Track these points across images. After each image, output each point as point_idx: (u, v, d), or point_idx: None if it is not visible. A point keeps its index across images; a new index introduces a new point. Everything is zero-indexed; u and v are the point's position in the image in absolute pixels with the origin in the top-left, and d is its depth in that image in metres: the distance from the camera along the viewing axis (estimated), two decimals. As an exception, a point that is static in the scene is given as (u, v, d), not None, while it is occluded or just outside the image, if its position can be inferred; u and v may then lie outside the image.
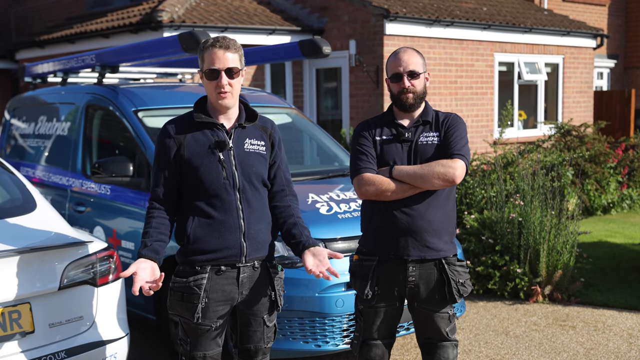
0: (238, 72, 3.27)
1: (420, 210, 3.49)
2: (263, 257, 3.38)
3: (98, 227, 5.71)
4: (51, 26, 15.14)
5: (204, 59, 3.27)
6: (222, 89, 3.23)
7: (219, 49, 3.23)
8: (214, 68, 3.22)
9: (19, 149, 7.18)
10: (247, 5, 12.87)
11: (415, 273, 3.53)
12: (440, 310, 3.59)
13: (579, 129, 11.78)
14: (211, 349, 3.36)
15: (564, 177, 9.45)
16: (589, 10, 17.91)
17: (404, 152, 3.54)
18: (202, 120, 3.30)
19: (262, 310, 3.41)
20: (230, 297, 3.33)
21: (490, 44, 13.24)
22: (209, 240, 3.27)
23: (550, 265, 6.58)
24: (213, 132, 3.31)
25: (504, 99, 13.41)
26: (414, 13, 11.79)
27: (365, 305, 3.62)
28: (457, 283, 3.55)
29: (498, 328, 5.92)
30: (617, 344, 5.51)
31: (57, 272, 3.69)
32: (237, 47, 3.29)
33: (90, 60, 6.30)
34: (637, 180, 11.56)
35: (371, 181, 3.49)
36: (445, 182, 3.44)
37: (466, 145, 3.54)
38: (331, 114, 12.90)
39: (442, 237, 3.55)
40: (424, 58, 3.63)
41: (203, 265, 3.28)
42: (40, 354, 3.58)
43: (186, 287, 3.29)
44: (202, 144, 3.28)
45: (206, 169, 3.26)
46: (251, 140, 3.38)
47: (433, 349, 3.64)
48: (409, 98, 3.53)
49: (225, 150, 3.29)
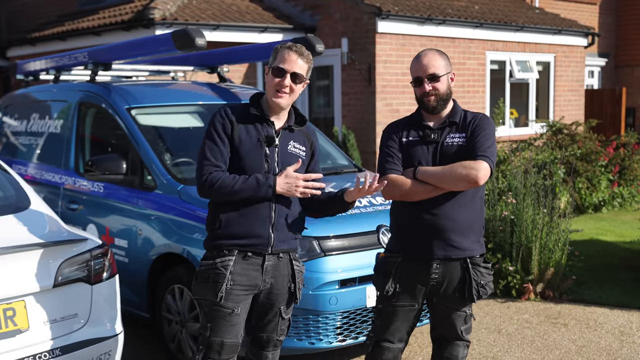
0: (302, 80, 3.47)
1: (445, 209, 3.51)
2: (288, 250, 3.54)
3: (91, 224, 5.70)
4: (42, 23, 15.07)
5: (276, 57, 3.45)
6: (282, 89, 3.42)
7: (294, 52, 3.43)
8: (282, 67, 3.42)
9: (11, 147, 7.15)
10: (239, 3, 12.86)
11: (439, 271, 3.54)
12: (459, 308, 3.62)
13: (570, 128, 11.84)
14: (229, 337, 3.46)
15: (555, 175, 9.49)
16: (580, 9, 17.98)
17: (429, 153, 3.56)
18: (256, 114, 3.47)
19: (280, 301, 3.55)
20: (254, 284, 3.46)
21: (482, 43, 13.28)
22: (239, 226, 3.43)
23: (542, 263, 6.62)
24: (263, 127, 3.48)
25: (495, 97, 13.44)
26: (406, 11, 11.81)
27: (384, 304, 3.64)
28: (477, 284, 3.56)
29: (490, 326, 5.95)
30: (609, 342, 5.54)
31: (51, 269, 3.69)
32: (310, 59, 3.50)
33: (83, 57, 6.28)
34: (627, 178, 11.62)
35: (396, 182, 3.53)
36: (468, 184, 3.45)
37: (492, 147, 3.53)
38: (323, 112, 12.90)
39: (469, 237, 3.56)
40: (448, 58, 3.63)
41: (231, 249, 3.43)
42: (35, 351, 3.58)
43: (212, 268, 3.43)
44: (252, 136, 3.45)
45: (251, 159, 3.44)
46: (295, 143, 3.56)
47: (445, 344, 3.69)
48: (431, 101, 3.56)
49: (272, 147, 3.47)
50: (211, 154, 3.42)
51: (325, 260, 4.67)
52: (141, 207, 5.28)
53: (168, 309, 5.10)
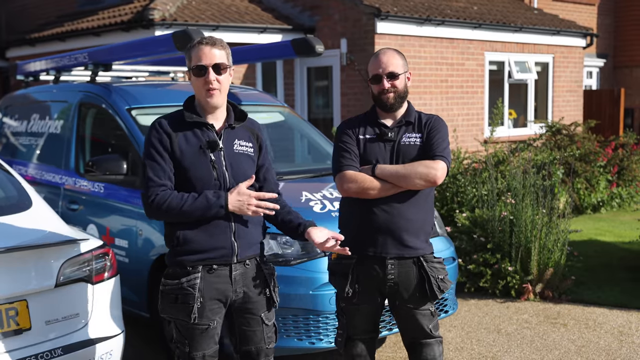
0: (226, 68, 3.27)
1: (400, 208, 3.54)
2: (254, 255, 3.39)
3: (91, 225, 5.71)
4: (42, 24, 15.08)
5: (191, 57, 3.28)
6: (211, 85, 3.23)
7: (205, 45, 3.24)
8: (201, 64, 3.23)
9: (11, 147, 7.16)
10: (238, 4, 12.88)
11: (395, 270, 3.57)
12: (421, 307, 3.63)
13: (569, 128, 11.85)
14: (209, 348, 3.35)
15: (554, 175, 9.50)
16: (578, 10, 18.01)
17: (386, 151, 3.59)
18: (193, 120, 3.28)
19: (259, 308, 3.42)
20: (225, 295, 3.32)
21: (481, 43, 13.30)
22: (199, 240, 3.25)
23: (542, 264, 6.63)
24: (203, 132, 3.29)
25: (494, 98, 13.47)
26: (405, 12, 11.83)
27: (347, 303, 3.66)
28: (436, 279, 3.59)
29: (490, 326, 5.96)
30: (608, 342, 5.56)
31: (53, 269, 3.70)
32: (224, 44, 3.31)
33: (83, 58, 6.29)
34: (626, 179, 11.64)
35: (353, 179, 3.53)
36: (426, 183, 3.50)
37: (448, 148, 3.61)
38: (322, 112, 12.92)
39: (420, 237, 3.60)
40: (405, 58, 3.68)
41: (195, 265, 3.26)
42: (37, 350, 3.59)
43: (179, 288, 3.27)
44: (193, 144, 3.26)
45: (197, 169, 3.25)
46: (240, 142, 3.38)
47: (419, 348, 3.69)
48: (389, 98, 3.59)
49: (216, 151, 3.28)
50: (154, 174, 3.21)
51: (325, 260, 4.67)
52: (142, 207, 5.28)
53: (168, 309, 5.10)
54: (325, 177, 5.83)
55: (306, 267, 4.66)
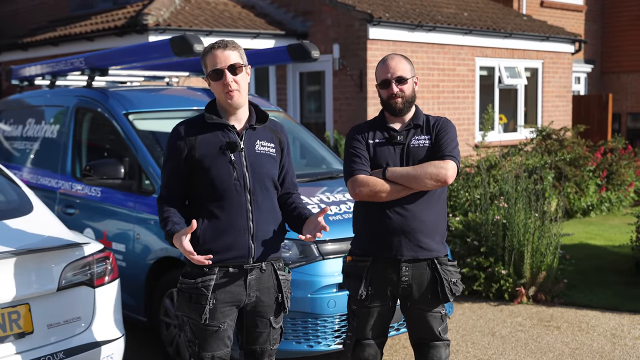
0: (241, 67, 3.32)
1: (413, 210, 3.58)
2: (271, 258, 3.42)
3: (88, 229, 5.72)
4: (34, 28, 15.05)
5: (206, 63, 3.34)
6: (229, 87, 3.29)
7: (217, 49, 3.31)
8: (216, 68, 3.29)
9: (5, 152, 7.17)
10: (231, 9, 12.91)
11: (409, 273, 3.60)
12: (433, 309, 3.67)
13: (558, 133, 11.95)
14: (220, 350, 3.38)
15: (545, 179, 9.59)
16: (566, 16, 18.15)
17: (396, 154, 3.63)
18: (214, 122, 3.34)
19: (268, 312, 3.45)
20: (238, 299, 3.36)
21: (471, 49, 13.39)
22: (217, 241, 3.30)
23: (534, 267, 6.69)
24: (224, 134, 3.35)
25: (484, 103, 13.56)
26: (396, 18, 11.91)
27: (358, 305, 3.69)
28: (449, 282, 3.63)
29: (484, 329, 6.02)
30: (601, 344, 5.62)
31: (55, 273, 3.72)
32: (236, 45, 3.36)
33: (80, 63, 6.31)
34: (615, 183, 11.75)
35: (365, 182, 3.57)
36: (437, 183, 3.54)
37: (457, 148, 3.65)
38: (315, 117, 12.97)
39: (434, 238, 3.64)
40: (412, 63, 3.73)
41: (211, 267, 3.30)
42: (39, 354, 3.62)
43: (194, 288, 3.32)
44: (214, 146, 3.32)
45: (217, 170, 3.30)
46: (262, 142, 3.43)
47: (426, 349, 3.72)
48: (398, 103, 3.63)
49: (237, 152, 3.33)
50: (164, 184, 3.42)
51: (324, 264, 4.73)
52: (139, 211, 5.32)
53: (166, 313, 5.13)
54: (321, 181, 5.87)
55: (304, 271, 4.70)
